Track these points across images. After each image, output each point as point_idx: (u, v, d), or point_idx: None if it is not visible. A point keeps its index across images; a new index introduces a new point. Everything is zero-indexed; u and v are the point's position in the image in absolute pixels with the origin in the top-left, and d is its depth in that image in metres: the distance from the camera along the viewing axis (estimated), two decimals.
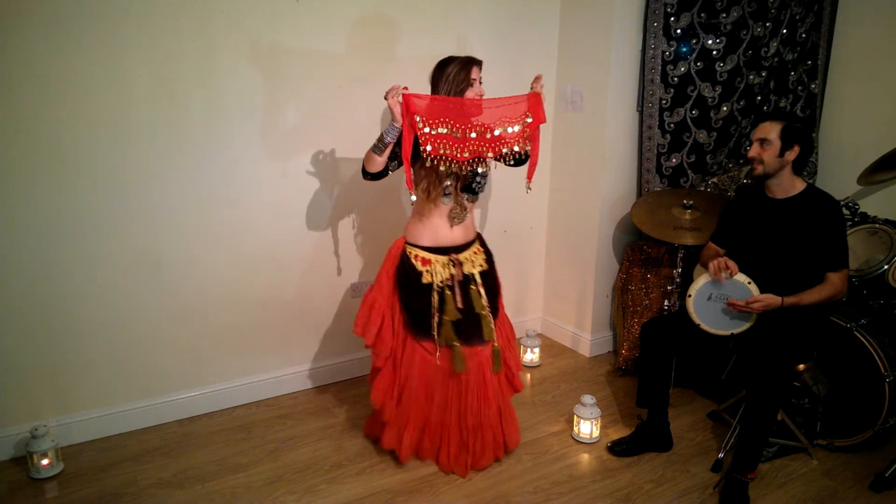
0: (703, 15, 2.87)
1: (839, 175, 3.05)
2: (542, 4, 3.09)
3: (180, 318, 2.56)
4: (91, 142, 2.24)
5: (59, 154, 2.20)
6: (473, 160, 2.03)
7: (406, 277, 2.17)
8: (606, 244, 3.20)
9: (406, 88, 1.94)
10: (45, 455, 2.23)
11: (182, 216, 2.47)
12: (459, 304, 2.16)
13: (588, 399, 2.50)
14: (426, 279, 2.15)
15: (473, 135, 2.01)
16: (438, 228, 2.19)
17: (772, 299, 2.13)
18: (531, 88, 2.09)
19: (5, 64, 2.06)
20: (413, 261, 2.18)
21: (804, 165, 2.23)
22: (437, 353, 2.14)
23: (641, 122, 3.03)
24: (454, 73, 2.06)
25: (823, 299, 2.15)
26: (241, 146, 2.51)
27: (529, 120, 2.06)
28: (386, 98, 1.94)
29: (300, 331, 2.85)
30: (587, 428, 2.48)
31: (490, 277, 2.28)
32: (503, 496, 2.16)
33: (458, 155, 2.00)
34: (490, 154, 2.04)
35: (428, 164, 1.99)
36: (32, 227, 2.22)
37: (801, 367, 2.37)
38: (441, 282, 2.16)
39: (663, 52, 2.91)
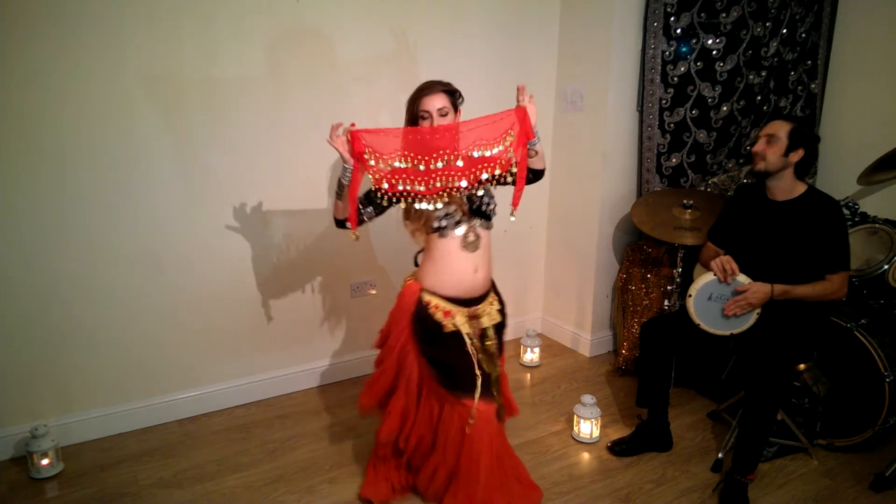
0: (703, 15, 2.87)
1: (839, 175, 3.05)
2: (542, 4, 3.09)
3: (180, 319, 2.56)
4: (91, 143, 2.24)
5: (59, 155, 2.20)
6: (444, 192, 1.75)
7: (425, 330, 1.87)
8: (606, 244, 3.20)
9: (353, 125, 1.72)
10: (45, 455, 2.23)
11: (183, 217, 2.47)
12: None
13: (588, 399, 2.50)
14: (449, 328, 1.87)
15: (440, 164, 1.70)
16: (460, 273, 1.87)
17: (761, 286, 2.13)
18: (517, 102, 1.75)
19: (6, 63, 2.06)
20: (431, 311, 1.87)
21: (807, 171, 2.22)
22: (475, 408, 1.84)
23: (641, 121, 3.03)
24: (408, 106, 1.80)
25: (816, 295, 2.14)
26: (242, 146, 2.51)
27: (512, 138, 1.72)
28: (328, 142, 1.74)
29: (300, 331, 2.85)
30: (587, 428, 2.48)
31: (500, 329, 2.01)
32: None
33: (425, 189, 1.73)
34: (464, 183, 1.73)
35: (385, 203, 1.75)
36: (33, 227, 2.22)
37: (801, 367, 2.37)
38: (469, 333, 1.89)
39: (663, 52, 2.91)
